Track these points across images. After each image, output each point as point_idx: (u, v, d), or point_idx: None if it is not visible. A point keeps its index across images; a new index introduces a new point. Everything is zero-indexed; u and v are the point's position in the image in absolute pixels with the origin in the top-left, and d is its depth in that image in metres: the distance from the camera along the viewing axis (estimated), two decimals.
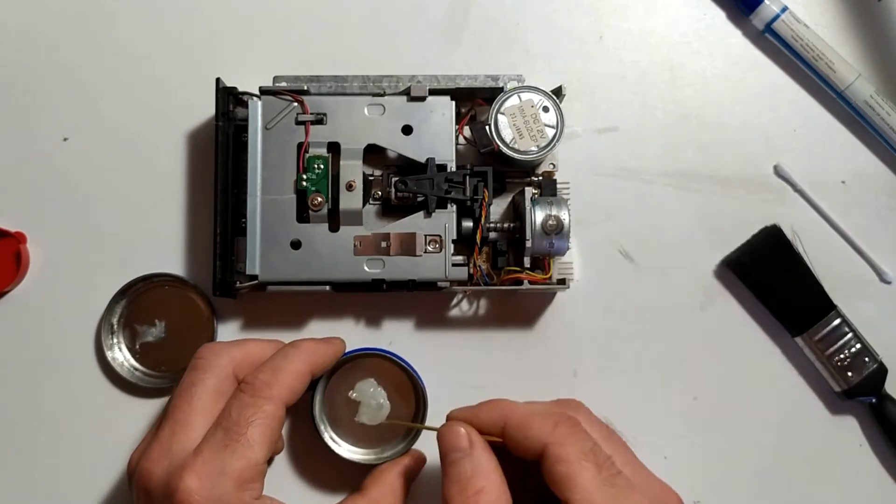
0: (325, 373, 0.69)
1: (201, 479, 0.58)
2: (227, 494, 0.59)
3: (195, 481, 0.58)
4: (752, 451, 0.73)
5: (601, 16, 0.78)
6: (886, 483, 0.74)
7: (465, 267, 0.69)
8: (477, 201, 0.69)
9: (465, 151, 0.72)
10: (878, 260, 0.75)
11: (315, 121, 0.70)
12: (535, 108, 0.68)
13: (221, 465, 0.59)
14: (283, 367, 0.64)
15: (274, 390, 0.62)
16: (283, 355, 0.65)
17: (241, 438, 0.60)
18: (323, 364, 0.67)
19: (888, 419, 0.72)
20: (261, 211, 0.69)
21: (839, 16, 0.78)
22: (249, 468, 0.60)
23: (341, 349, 0.70)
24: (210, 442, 0.60)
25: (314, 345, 0.67)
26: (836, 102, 0.76)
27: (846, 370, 0.72)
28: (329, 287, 0.70)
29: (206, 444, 0.60)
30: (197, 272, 0.74)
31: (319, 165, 0.70)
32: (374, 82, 0.72)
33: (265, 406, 0.61)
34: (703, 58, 0.78)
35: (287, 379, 0.64)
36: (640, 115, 0.77)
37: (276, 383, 0.63)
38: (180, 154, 0.75)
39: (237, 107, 0.71)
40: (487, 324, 0.74)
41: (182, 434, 0.61)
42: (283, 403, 0.63)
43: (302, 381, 0.65)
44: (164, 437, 0.62)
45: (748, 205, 0.76)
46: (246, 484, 0.60)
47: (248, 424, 0.60)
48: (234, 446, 0.59)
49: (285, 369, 0.64)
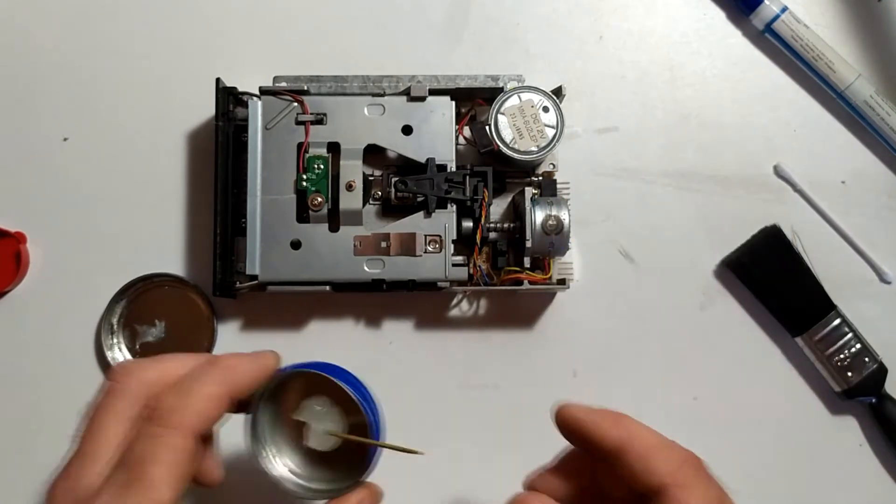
0: (266, 389, 0.58)
1: None
2: None
3: None
4: (752, 451, 0.73)
5: (601, 16, 0.78)
6: (886, 483, 0.74)
7: (465, 267, 0.70)
8: (477, 201, 0.69)
9: (465, 151, 0.72)
10: (878, 260, 0.75)
11: (315, 121, 0.70)
12: (535, 109, 0.68)
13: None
14: (192, 390, 0.54)
15: (181, 417, 0.53)
16: (194, 375, 0.55)
17: (143, 478, 0.51)
18: (245, 384, 0.57)
19: (888, 419, 0.72)
20: (261, 211, 0.69)
21: (839, 16, 0.78)
22: None
23: (271, 364, 0.59)
24: (111, 482, 0.52)
25: (234, 361, 0.57)
26: (836, 102, 0.76)
27: (846, 370, 0.72)
28: (329, 287, 0.70)
29: (107, 486, 0.52)
30: (197, 272, 0.74)
31: (319, 165, 0.70)
32: (374, 82, 0.72)
33: (170, 439, 0.52)
34: (703, 58, 0.78)
35: (197, 403, 0.54)
36: (640, 115, 0.77)
37: (182, 408, 0.53)
38: (180, 154, 0.75)
39: (237, 107, 0.71)
40: (487, 324, 0.74)
41: (89, 468, 0.53)
42: (191, 433, 0.53)
43: (217, 405, 0.55)
44: (71, 471, 0.54)
45: (748, 205, 0.76)
46: None
47: (151, 462, 0.52)
48: (137, 487, 0.51)
49: (195, 392, 0.54)
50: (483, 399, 0.73)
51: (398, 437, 0.73)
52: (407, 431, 0.73)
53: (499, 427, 0.73)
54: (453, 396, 0.73)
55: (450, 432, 0.73)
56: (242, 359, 0.58)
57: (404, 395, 0.73)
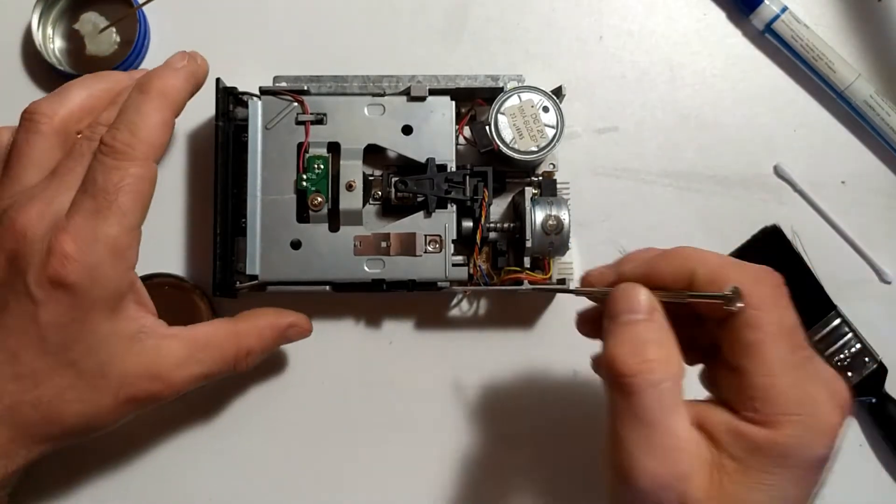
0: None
1: (77, 243, 0.55)
2: (103, 263, 0.56)
3: (70, 245, 0.55)
4: None
5: (601, 16, 0.78)
6: (886, 483, 0.74)
7: (465, 267, 0.69)
8: (477, 201, 0.69)
9: (465, 151, 0.72)
10: (878, 260, 0.75)
11: (315, 121, 0.70)
12: (535, 108, 0.68)
13: (95, 232, 0.56)
14: (140, 124, 0.59)
15: (137, 150, 0.58)
16: (136, 108, 0.59)
17: (112, 205, 0.56)
18: (183, 100, 0.63)
19: (888, 419, 0.72)
20: (261, 211, 0.69)
21: (839, 16, 0.78)
22: (124, 234, 0.57)
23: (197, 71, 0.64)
24: (80, 208, 0.56)
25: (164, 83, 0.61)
26: (836, 102, 0.76)
27: (846, 370, 0.72)
28: (329, 287, 0.70)
29: (77, 211, 0.56)
30: (197, 272, 0.74)
31: (319, 165, 0.70)
32: (374, 82, 0.72)
33: (131, 169, 0.57)
34: (703, 58, 0.78)
35: (148, 136, 0.59)
36: (640, 115, 0.77)
37: (137, 143, 0.58)
38: (180, 154, 0.75)
39: (237, 107, 0.71)
40: (487, 324, 0.74)
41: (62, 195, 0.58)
42: (150, 162, 0.58)
43: (166, 131, 0.60)
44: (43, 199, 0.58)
45: (748, 205, 0.76)
46: (122, 252, 0.57)
47: (116, 190, 0.56)
48: (106, 213, 0.56)
49: (143, 125, 0.59)
50: (483, 399, 0.73)
51: (399, 437, 0.74)
52: (407, 430, 0.74)
53: (499, 427, 0.73)
54: (453, 396, 0.73)
55: (450, 432, 0.74)
56: (169, 77, 0.62)
57: (404, 395, 0.73)
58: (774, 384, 0.49)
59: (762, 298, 0.50)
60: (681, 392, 0.51)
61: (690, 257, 0.53)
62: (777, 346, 0.49)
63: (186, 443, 0.73)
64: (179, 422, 0.74)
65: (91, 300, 0.56)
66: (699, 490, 0.49)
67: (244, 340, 0.65)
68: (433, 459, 0.73)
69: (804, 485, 0.49)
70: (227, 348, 0.64)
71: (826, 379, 0.50)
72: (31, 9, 0.73)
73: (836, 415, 0.49)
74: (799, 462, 0.48)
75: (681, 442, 0.50)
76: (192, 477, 0.73)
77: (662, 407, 0.50)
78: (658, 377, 0.50)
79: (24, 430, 0.57)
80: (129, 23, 0.74)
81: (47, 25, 0.75)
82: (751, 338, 0.50)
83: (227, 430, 0.74)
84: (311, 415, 0.73)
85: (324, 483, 0.73)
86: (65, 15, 0.76)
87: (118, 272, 0.57)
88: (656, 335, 0.52)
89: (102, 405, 0.59)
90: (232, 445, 0.73)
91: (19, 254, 0.56)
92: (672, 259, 0.54)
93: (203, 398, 0.73)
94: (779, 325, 0.50)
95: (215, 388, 0.73)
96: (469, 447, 0.73)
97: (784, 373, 0.49)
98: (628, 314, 0.53)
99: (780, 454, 0.48)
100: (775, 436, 0.48)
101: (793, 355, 0.49)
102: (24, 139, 0.61)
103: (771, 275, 0.52)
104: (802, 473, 0.49)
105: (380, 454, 0.73)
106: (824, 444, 0.48)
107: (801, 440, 0.48)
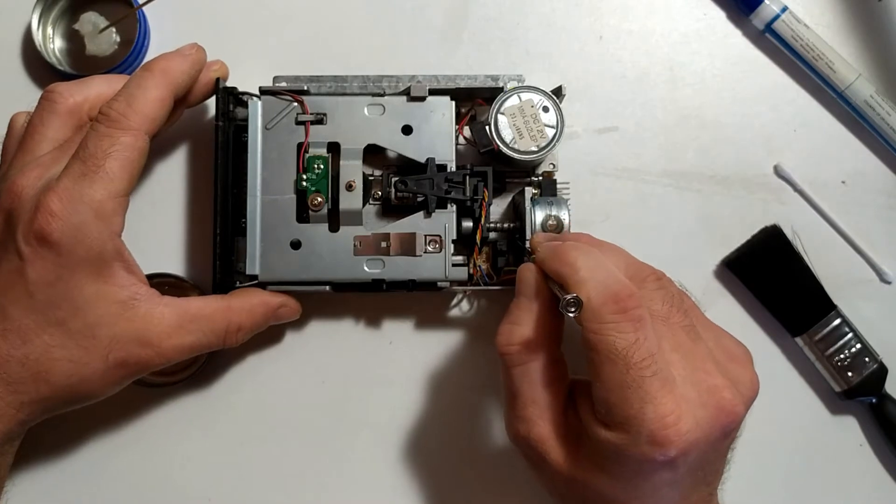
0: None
1: (62, 202, 0.58)
2: (87, 224, 0.59)
3: (56, 204, 0.58)
4: (752, 451, 0.73)
5: (601, 16, 0.78)
6: (886, 483, 0.74)
7: (465, 267, 0.69)
8: (477, 201, 0.69)
9: (464, 151, 0.72)
10: (878, 260, 0.75)
11: (315, 121, 0.70)
12: (535, 108, 0.68)
13: (80, 194, 0.58)
14: (137, 96, 0.62)
15: (131, 120, 0.61)
16: (136, 83, 0.63)
17: (98, 170, 0.59)
18: (184, 82, 0.66)
19: (888, 419, 0.72)
20: (261, 211, 0.69)
21: (839, 16, 0.78)
22: (109, 199, 0.59)
23: (200, 58, 0.68)
24: (69, 171, 0.59)
25: (168, 64, 0.65)
26: (836, 102, 0.76)
27: (846, 370, 0.72)
28: (329, 287, 0.69)
29: (66, 173, 0.59)
30: (197, 272, 0.74)
31: (319, 165, 0.70)
32: (374, 82, 0.72)
33: (122, 137, 0.60)
34: (703, 58, 0.78)
35: (144, 107, 0.62)
36: (640, 115, 0.77)
37: (132, 113, 0.61)
38: (180, 154, 0.75)
39: (237, 107, 0.71)
40: (487, 324, 0.74)
41: (54, 165, 0.61)
42: (143, 133, 0.61)
43: (162, 107, 0.63)
44: (44, 162, 0.62)
45: (748, 205, 0.76)
46: (107, 216, 0.59)
47: (105, 156, 0.60)
48: (93, 177, 0.59)
49: (140, 97, 0.62)
50: (483, 399, 0.73)
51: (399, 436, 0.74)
52: (407, 431, 0.74)
53: (500, 426, 0.73)
54: (453, 396, 0.73)
55: (450, 432, 0.74)
56: (175, 59, 0.66)
57: (404, 396, 0.74)
58: (608, 398, 0.54)
59: (602, 323, 0.55)
60: (553, 370, 0.60)
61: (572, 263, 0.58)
62: (609, 368, 0.54)
63: (185, 442, 0.73)
64: (178, 421, 0.74)
65: (75, 259, 0.59)
66: (555, 453, 0.58)
67: (235, 315, 0.66)
68: (433, 459, 0.73)
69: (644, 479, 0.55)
70: (217, 321, 0.65)
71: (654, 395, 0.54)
72: (31, 9, 0.73)
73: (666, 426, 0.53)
74: (631, 461, 0.54)
75: (541, 412, 0.59)
76: (191, 476, 0.73)
77: (528, 382, 0.59)
78: (523, 359, 0.59)
79: (12, 386, 0.59)
80: (129, 23, 0.74)
81: (47, 25, 0.75)
82: (590, 356, 0.55)
83: (226, 428, 0.74)
84: (311, 414, 0.73)
85: (323, 482, 0.73)
86: (65, 15, 0.76)
87: (102, 235, 0.59)
88: (530, 317, 0.60)
89: (91, 367, 0.60)
90: (230, 445, 0.73)
91: (13, 212, 0.60)
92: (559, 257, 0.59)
93: (202, 396, 0.74)
94: (612, 350, 0.54)
95: (214, 386, 0.73)
96: (470, 446, 0.73)
97: (615, 390, 0.54)
98: (518, 294, 0.61)
99: (614, 451, 0.54)
100: (611, 437, 0.54)
101: (625, 376, 0.53)
102: (39, 117, 0.65)
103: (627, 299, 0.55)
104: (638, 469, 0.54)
105: (380, 453, 0.73)
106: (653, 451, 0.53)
107: (629, 444, 0.53)
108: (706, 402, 0.55)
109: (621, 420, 0.53)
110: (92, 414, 0.71)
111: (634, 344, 0.54)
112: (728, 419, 0.56)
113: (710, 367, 0.57)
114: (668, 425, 0.53)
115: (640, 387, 0.53)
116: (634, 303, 0.55)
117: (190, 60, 0.66)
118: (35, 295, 0.59)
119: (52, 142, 0.64)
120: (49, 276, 0.59)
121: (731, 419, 0.56)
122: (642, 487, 0.55)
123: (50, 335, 0.59)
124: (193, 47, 0.67)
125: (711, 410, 0.55)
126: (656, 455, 0.53)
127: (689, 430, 0.53)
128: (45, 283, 0.59)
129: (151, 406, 0.74)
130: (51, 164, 0.61)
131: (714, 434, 0.55)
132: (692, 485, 0.57)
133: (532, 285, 0.60)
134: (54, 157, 0.62)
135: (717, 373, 0.57)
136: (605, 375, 0.54)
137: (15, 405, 0.59)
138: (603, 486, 0.56)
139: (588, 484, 0.57)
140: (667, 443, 0.53)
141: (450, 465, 0.73)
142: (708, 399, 0.55)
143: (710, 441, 0.55)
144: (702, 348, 0.58)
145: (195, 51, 0.67)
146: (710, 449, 0.56)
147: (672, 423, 0.53)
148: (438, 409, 0.73)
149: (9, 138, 0.67)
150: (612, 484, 0.56)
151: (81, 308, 0.59)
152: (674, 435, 0.53)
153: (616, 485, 0.56)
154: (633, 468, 0.54)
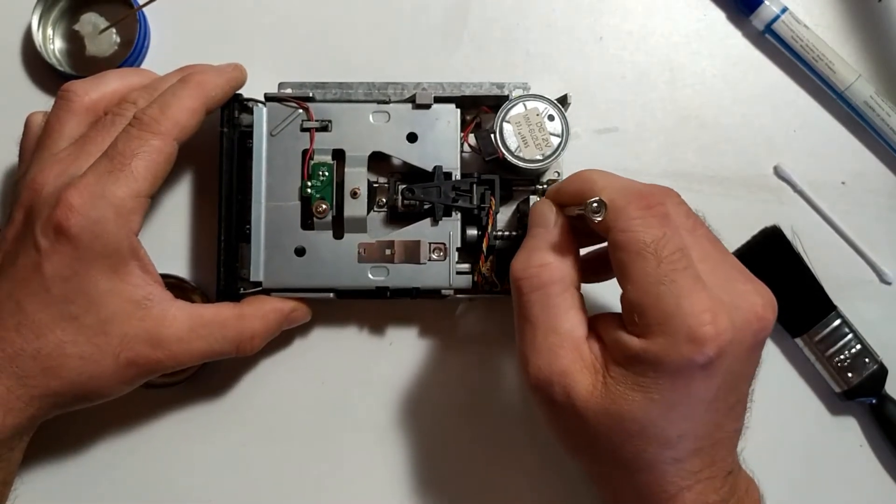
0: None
1: (83, 197, 0.59)
2: (106, 220, 0.60)
3: (77, 198, 0.59)
4: (752, 452, 0.73)
5: (601, 16, 0.78)
6: (886, 483, 0.74)
7: (470, 275, 0.70)
8: (484, 209, 0.69)
9: (469, 159, 0.72)
10: (878, 260, 0.76)
11: (320, 128, 0.70)
12: (540, 117, 0.68)
13: (103, 190, 0.60)
14: (172, 104, 0.64)
15: (162, 126, 0.63)
16: (172, 91, 0.65)
17: (124, 168, 0.61)
18: (217, 97, 0.67)
19: (888, 420, 0.73)
20: (265, 217, 0.69)
21: (839, 16, 0.78)
22: (131, 198, 0.61)
23: (239, 77, 0.70)
24: (95, 168, 0.61)
25: (205, 77, 0.67)
26: (836, 103, 0.76)
27: (846, 371, 0.73)
28: (333, 294, 0.70)
29: (92, 170, 0.61)
30: (201, 278, 0.74)
31: (324, 172, 0.69)
32: (380, 89, 0.72)
33: (152, 140, 0.62)
34: (703, 58, 0.78)
35: (176, 114, 0.64)
36: (640, 116, 0.77)
37: (164, 119, 0.63)
38: (186, 160, 0.74)
39: (242, 113, 0.71)
40: (491, 331, 0.74)
41: (78, 162, 0.63)
42: (171, 139, 0.63)
43: (194, 117, 0.65)
44: (64, 158, 0.63)
45: (748, 205, 0.76)
46: (126, 214, 0.61)
47: (133, 156, 0.61)
48: (118, 174, 0.60)
49: (175, 105, 0.64)
50: (487, 406, 0.74)
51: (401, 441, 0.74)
52: (410, 437, 0.74)
53: (502, 432, 0.74)
54: (457, 403, 0.73)
55: (454, 439, 0.74)
56: (211, 74, 0.68)
57: (407, 402, 0.74)
58: (642, 300, 0.54)
59: (629, 220, 0.55)
60: (572, 298, 0.58)
61: (588, 178, 0.59)
62: (641, 264, 0.54)
63: (188, 444, 0.74)
64: (183, 424, 0.74)
65: (92, 255, 0.60)
66: (581, 386, 0.55)
67: (248, 323, 0.66)
68: (436, 463, 0.74)
69: (682, 388, 0.53)
70: (230, 328, 0.65)
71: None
72: (31, 9, 0.73)
73: (704, 322, 0.52)
74: (670, 367, 0.53)
75: (562, 340, 0.57)
76: (193, 477, 0.74)
77: (546, 308, 0.58)
78: (542, 281, 0.58)
79: (23, 380, 0.60)
80: (129, 24, 0.74)
81: (47, 26, 0.75)
82: (619, 257, 0.55)
83: (229, 431, 0.74)
84: (314, 420, 0.74)
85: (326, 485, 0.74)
86: (65, 16, 0.75)
87: (120, 233, 0.60)
88: (548, 244, 0.59)
89: (102, 364, 0.61)
90: (233, 447, 0.74)
91: (33, 208, 0.61)
92: (574, 180, 0.61)
93: (206, 400, 0.74)
94: (642, 244, 0.54)
95: (218, 390, 0.74)
96: (473, 453, 0.74)
97: (649, 288, 0.53)
98: (534, 227, 0.61)
99: (653, 361, 0.53)
100: (647, 345, 0.53)
101: (657, 270, 0.53)
102: (56, 115, 0.66)
103: (649, 196, 0.56)
104: (676, 377, 0.53)
105: (381, 458, 0.74)
106: (692, 351, 0.52)
107: (667, 348, 0.52)
108: (739, 305, 0.55)
109: (658, 321, 0.53)
110: (96, 416, 0.72)
111: (663, 238, 0.54)
112: (760, 325, 0.56)
113: (737, 276, 0.57)
114: (706, 322, 0.52)
115: (673, 281, 0.53)
116: (658, 199, 0.56)
117: (226, 77, 0.68)
118: (51, 290, 0.59)
119: (69, 139, 0.65)
120: (65, 270, 0.59)
121: (763, 325, 0.56)
122: (679, 406, 0.54)
123: (63, 330, 0.60)
124: (233, 66, 0.70)
125: (745, 314, 0.55)
126: (696, 355, 0.52)
127: (726, 329, 0.53)
128: (62, 277, 0.59)
129: (156, 408, 0.74)
130: (69, 161, 0.62)
131: (747, 340, 0.55)
132: (725, 409, 0.56)
133: (548, 215, 0.61)
134: (72, 154, 0.63)
135: (747, 280, 0.57)
136: (637, 274, 0.54)
137: (25, 399, 0.60)
138: (636, 411, 0.54)
139: (620, 413, 0.54)
140: (706, 340, 0.52)
141: (452, 468, 0.74)
142: (741, 302, 0.55)
143: (744, 347, 0.55)
144: (729, 258, 0.59)
145: (233, 69, 0.69)
146: (745, 357, 0.56)
147: (709, 320, 0.52)
148: (440, 415, 0.74)
149: (26, 138, 0.68)
150: (646, 406, 0.53)
151: (95, 303, 0.60)
152: (712, 332, 0.52)
153: (651, 407, 0.53)
154: (671, 379, 0.53)
